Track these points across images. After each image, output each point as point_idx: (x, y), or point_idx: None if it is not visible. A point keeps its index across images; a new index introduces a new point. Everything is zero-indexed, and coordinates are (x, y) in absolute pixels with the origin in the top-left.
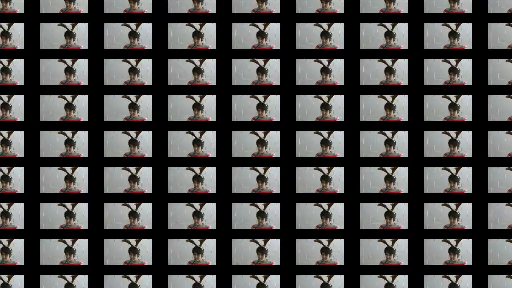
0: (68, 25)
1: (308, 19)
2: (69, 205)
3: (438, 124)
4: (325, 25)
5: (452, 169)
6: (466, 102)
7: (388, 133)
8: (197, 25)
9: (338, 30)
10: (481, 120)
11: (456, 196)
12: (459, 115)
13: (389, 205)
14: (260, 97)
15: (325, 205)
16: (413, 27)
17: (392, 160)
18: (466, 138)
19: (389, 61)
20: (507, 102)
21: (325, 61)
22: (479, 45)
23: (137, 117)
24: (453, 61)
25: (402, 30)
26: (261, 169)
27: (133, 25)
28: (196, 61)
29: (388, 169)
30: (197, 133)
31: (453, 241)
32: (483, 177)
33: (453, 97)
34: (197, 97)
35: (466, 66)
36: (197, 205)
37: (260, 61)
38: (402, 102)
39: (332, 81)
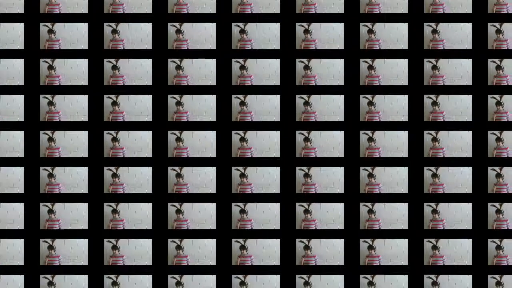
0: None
1: (308, 19)
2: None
3: (437, 124)
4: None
5: (432, 168)
6: (466, 102)
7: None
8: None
9: (338, 30)
10: (481, 120)
11: (457, 196)
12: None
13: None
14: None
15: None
16: (412, 27)
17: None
18: (466, 138)
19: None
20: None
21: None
22: (479, 45)
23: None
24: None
25: (402, 30)
26: (241, 168)
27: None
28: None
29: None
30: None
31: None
32: (483, 177)
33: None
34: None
35: (466, 66)
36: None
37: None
38: (402, 102)
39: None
